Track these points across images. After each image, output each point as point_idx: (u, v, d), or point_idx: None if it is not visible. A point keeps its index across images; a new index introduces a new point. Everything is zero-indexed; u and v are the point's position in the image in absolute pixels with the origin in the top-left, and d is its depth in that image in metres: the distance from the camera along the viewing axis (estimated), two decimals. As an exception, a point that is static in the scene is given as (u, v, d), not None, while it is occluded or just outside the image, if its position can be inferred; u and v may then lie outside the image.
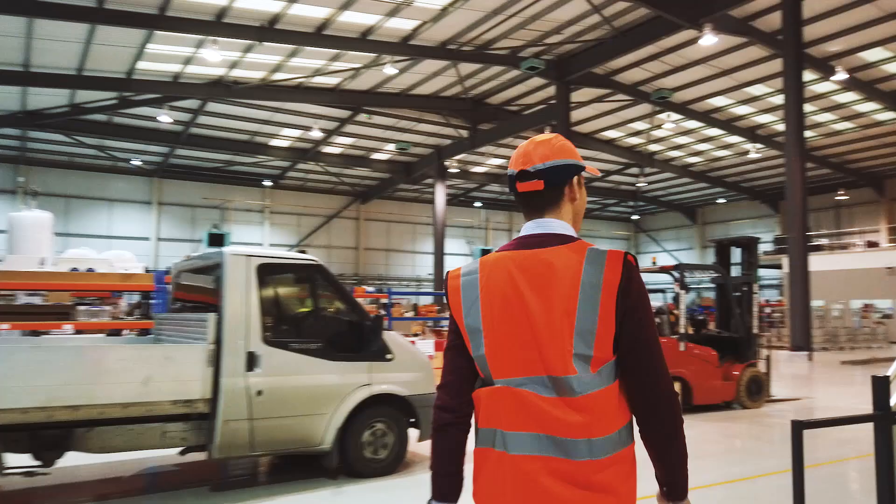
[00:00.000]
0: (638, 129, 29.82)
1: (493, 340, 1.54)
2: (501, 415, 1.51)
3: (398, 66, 22.07)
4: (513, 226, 44.98)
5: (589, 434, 1.44)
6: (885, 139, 29.14)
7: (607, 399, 1.47)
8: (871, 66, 21.87)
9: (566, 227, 1.59)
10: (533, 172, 1.58)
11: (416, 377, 5.58)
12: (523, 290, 1.52)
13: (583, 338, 1.45)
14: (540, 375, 1.48)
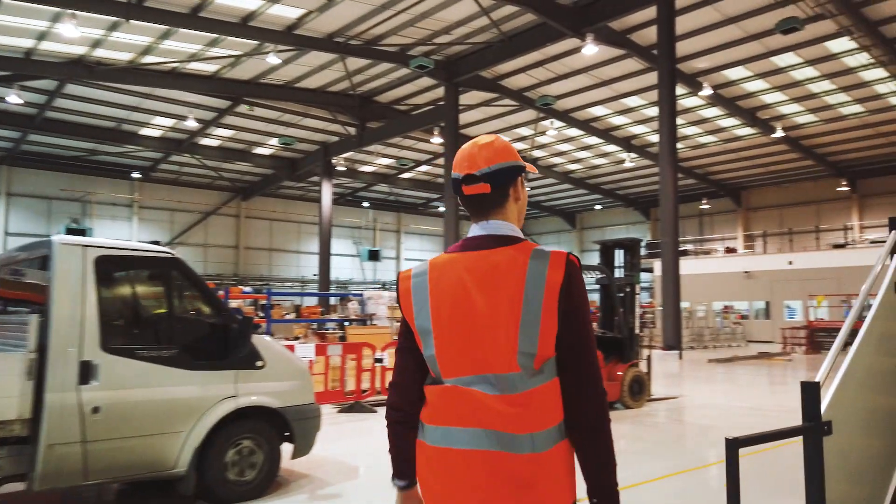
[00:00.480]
0: (523, 134, 30.48)
1: (443, 341, 1.58)
2: (450, 412, 1.56)
3: (282, 56, 21.04)
4: (401, 227, 44.70)
5: (532, 429, 1.50)
6: (743, 153, 31.71)
7: (549, 394, 1.53)
8: (732, 84, 23.60)
9: (512, 229, 1.64)
10: (479, 176, 1.61)
11: (291, 386, 4.98)
12: (471, 290, 1.56)
13: (527, 336, 1.50)
14: (486, 374, 1.53)
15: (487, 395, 1.53)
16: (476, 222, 1.66)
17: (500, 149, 1.65)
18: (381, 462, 6.42)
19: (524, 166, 1.68)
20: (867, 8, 17.65)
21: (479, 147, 1.65)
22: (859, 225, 33.00)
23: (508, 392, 1.52)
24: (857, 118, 26.13)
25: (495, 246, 1.59)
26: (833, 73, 22.15)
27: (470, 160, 1.64)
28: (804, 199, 35.65)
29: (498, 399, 1.52)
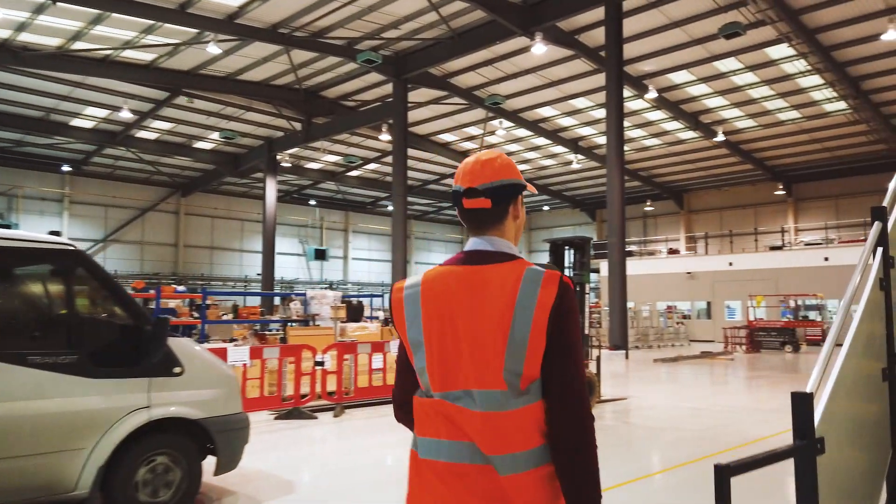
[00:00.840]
0: (472, 133, 30.35)
1: (433, 354, 1.58)
2: (438, 425, 1.56)
3: (223, 46, 20.23)
4: (349, 226, 43.95)
5: (514, 448, 1.49)
6: (686, 156, 32.41)
7: (533, 415, 1.51)
8: (677, 88, 24.00)
9: (508, 246, 1.64)
10: (481, 190, 1.61)
11: (214, 395, 4.50)
12: (461, 305, 1.56)
13: (514, 355, 1.50)
14: (471, 389, 1.53)
15: (472, 412, 1.52)
16: (473, 236, 1.66)
17: (503, 165, 1.65)
18: (320, 474, 6.02)
19: (525, 185, 1.68)
20: (805, 16, 18.16)
21: (483, 162, 1.65)
22: (795, 227, 34.20)
23: (493, 410, 1.51)
24: (794, 124, 27.01)
25: (490, 262, 1.59)
26: (772, 79, 22.77)
27: (472, 174, 1.63)
28: (743, 203, 36.73)
29: (482, 416, 1.51)
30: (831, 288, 25.47)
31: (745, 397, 11.54)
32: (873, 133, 26.95)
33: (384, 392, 9.07)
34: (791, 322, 23.83)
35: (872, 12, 17.72)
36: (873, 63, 20.88)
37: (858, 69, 21.42)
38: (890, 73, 21.51)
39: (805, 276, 26.52)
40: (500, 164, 1.64)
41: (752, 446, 7.20)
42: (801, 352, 22.17)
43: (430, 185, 38.73)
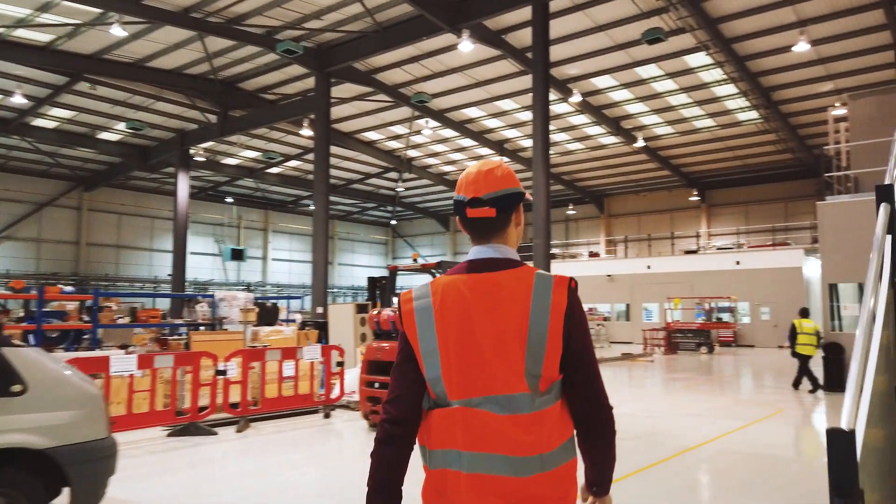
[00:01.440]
0: (398, 132, 29.77)
1: (449, 362, 1.60)
2: (458, 435, 1.56)
3: (129, 29, 18.77)
4: (268, 225, 42.35)
5: (541, 449, 1.54)
6: (607, 161, 33.03)
7: (555, 415, 1.58)
8: (600, 93, 24.29)
9: (512, 252, 1.69)
10: (485, 200, 1.64)
11: (68, 418, 3.70)
12: (476, 313, 1.59)
13: (533, 358, 1.56)
14: (494, 395, 1.56)
15: (496, 417, 1.55)
16: (477, 245, 1.69)
17: (506, 175, 1.70)
18: (216, 501, 5.28)
19: (525, 193, 1.71)
20: (723, 25, 18.67)
21: (486, 172, 1.68)
22: (708, 232, 35.53)
23: (517, 413, 1.54)
24: (709, 132, 27.96)
25: (498, 269, 1.63)
26: (689, 87, 23.40)
27: (476, 184, 1.67)
28: (660, 208, 37.87)
29: (507, 420, 1.54)
30: (742, 291, 26.53)
31: (672, 400, 11.53)
32: (781, 143, 28.26)
33: (296, 402, 8.36)
34: (706, 324, 24.55)
35: (785, 24, 18.42)
36: (784, 74, 21.79)
37: (770, 80, 22.31)
38: (798, 85, 22.52)
39: (718, 279, 27.48)
40: (501, 173, 1.69)
41: (690, 453, 6.98)
42: (716, 353, 22.86)
43: (354, 184, 37.83)
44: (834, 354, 11.78)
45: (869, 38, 18.87)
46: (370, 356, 8.11)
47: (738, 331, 26.57)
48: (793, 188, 33.21)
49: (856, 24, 18.15)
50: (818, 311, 27.80)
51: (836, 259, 11.75)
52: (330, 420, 8.82)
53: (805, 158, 29.97)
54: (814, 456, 7.32)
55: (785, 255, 26.33)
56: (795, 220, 33.11)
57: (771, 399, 11.49)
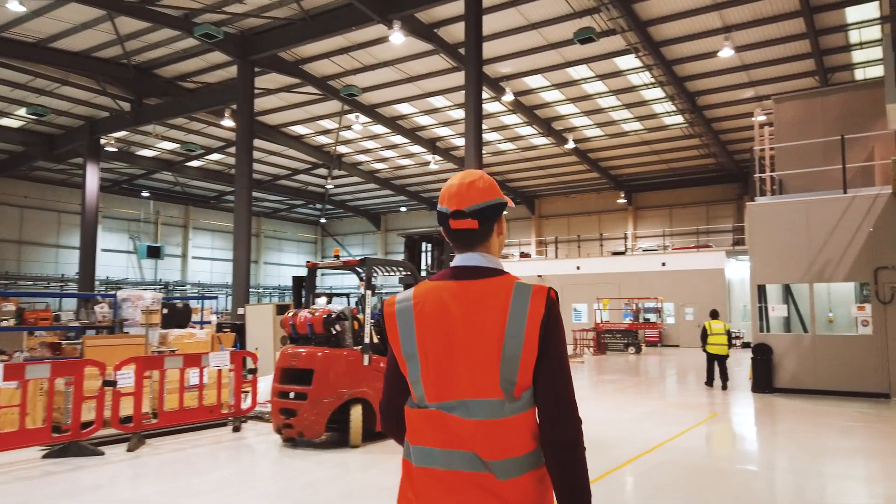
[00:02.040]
0: (327, 127, 28.82)
1: (427, 366, 1.66)
2: (434, 435, 1.63)
3: (29, 5, 17.16)
4: (189, 222, 40.31)
5: (507, 454, 1.58)
6: (538, 162, 33.14)
7: (525, 423, 1.62)
8: (532, 92, 24.19)
9: (494, 261, 1.74)
10: (468, 212, 1.70)
11: None
12: (456, 319, 1.65)
13: (509, 365, 1.60)
14: (468, 399, 1.61)
15: (470, 421, 1.60)
16: (460, 253, 1.75)
17: (488, 187, 1.75)
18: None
19: (506, 202, 1.78)
20: (652, 28, 18.83)
21: (468, 184, 1.73)
22: (634, 234, 36.27)
23: (489, 418, 1.59)
24: (636, 135, 28.42)
25: (479, 277, 1.68)
26: (619, 90, 23.62)
27: (459, 196, 1.72)
28: (589, 209, 38.42)
29: (478, 425, 1.59)
30: (668, 292, 27.08)
31: (607, 405, 11.30)
32: (704, 147, 29.05)
33: (200, 415, 7.54)
34: (633, 324, 24.86)
35: (711, 29, 18.75)
36: (709, 80, 22.29)
37: (695, 85, 22.78)
38: (722, 91, 23.10)
39: (645, 280, 27.96)
40: (483, 185, 1.74)
41: (631, 466, 6.64)
42: (643, 353, 23.15)
43: (281, 180, 36.47)
44: (763, 356, 11.88)
45: (789, 46, 19.49)
46: (284, 363, 7.40)
47: (663, 331, 27.10)
48: (714, 192, 34.31)
49: (777, 32, 18.69)
50: (739, 311, 28.82)
51: (765, 260, 11.88)
52: (240, 434, 8.03)
53: (726, 163, 30.98)
54: (758, 463, 7.15)
55: (708, 257, 27.07)
56: (717, 224, 34.23)
57: (703, 401, 11.46)
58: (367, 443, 7.59)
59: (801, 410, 10.13)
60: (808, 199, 11.74)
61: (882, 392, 11.24)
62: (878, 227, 11.06)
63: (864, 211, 11.19)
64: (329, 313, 7.44)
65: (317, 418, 7.07)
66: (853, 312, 11.62)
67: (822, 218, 11.55)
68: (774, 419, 9.35)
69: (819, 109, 12.56)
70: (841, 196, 11.59)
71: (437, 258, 9.29)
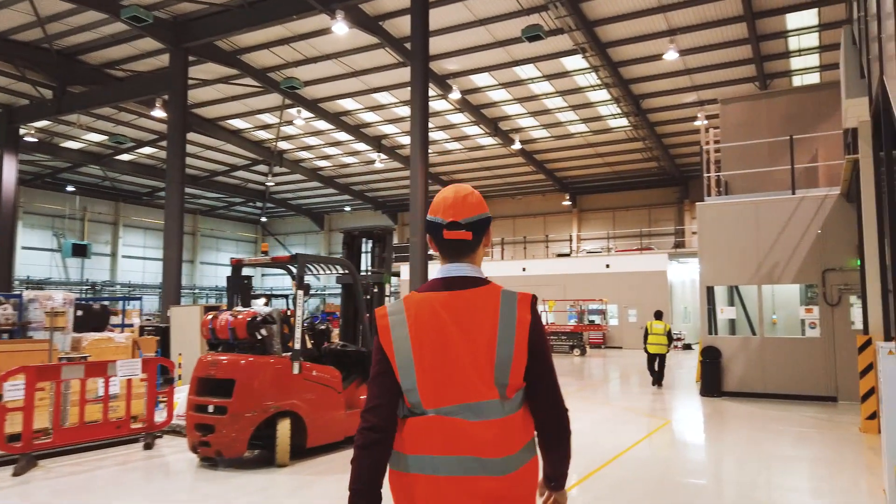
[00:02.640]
0: (268, 122, 27.75)
1: (424, 373, 1.73)
2: (433, 442, 1.70)
3: (-70, -24, 15.64)
4: (119, 219, 38.27)
5: (507, 451, 1.71)
6: (485, 163, 32.87)
7: (520, 419, 1.77)
8: (479, 91, 23.83)
9: (480, 271, 1.86)
10: (463, 224, 1.82)
11: None
12: (449, 326, 1.75)
13: (501, 368, 1.73)
14: (467, 403, 1.71)
15: (469, 423, 1.70)
16: (448, 263, 1.85)
17: (479, 201, 1.87)
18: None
19: (491, 217, 1.90)
20: (599, 28, 18.73)
21: (462, 198, 1.84)
22: (578, 236, 36.46)
23: (488, 418, 1.70)
24: (582, 137, 28.46)
25: (468, 287, 1.80)
26: (566, 91, 23.52)
27: (455, 209, 1.83)
28: (534, 211, 38.44)
29: (479, 426, 1.70)
30: (612, 293, 27.19)
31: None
32: (648, 151, 29.36)
33: (106, 431, 6.72)
34: (578, 326, 24.80)
35: (656, 32, 18.78)
36: (653, 83, 22.41)
37: (640, 88, 22.88)
38: (666, 94, 23.29)
39: (589, 282, 28.01)
40: (475, 199, 1.86)
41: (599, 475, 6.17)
42: (587, 355, 23.08)
43: (219, 176, 35.00)
44: (711, 358, 11.69)
45: (732, 51, 19.73)
46: (201, 372, 6.63)
47: (607, 333, 27.20)
48: (656, 196, 34.82)
49: (721, 36, 18.87)
50: (680, 313, 29.23)
51: (714, 261, 11.73)
52: (152, 452, 7.18)
53: (668, 167, 31.43)
54: (718, 478, 6.85)
55: (651, 260, 27.32)
56: (659, 227, 34.74)
57: (653, 407, 11.22)
58: (297, 461, 6.90)
59: (753, 416, 9.94)
60: (758, 200, 11.63)
61: (829, 395, 11.16)
62: (826, 228, 11.06)
63: (813, 212, 11.19)
64: (254, 315, 6.72)
65: (238, 435, 6.31)
66: (801, 314, 11.57)
67: (771, 218, 11.49)
68: (728, 427, 9.12)
69: (764, 112, 12.59)
70: (790, 196, 11.51)
71: (378, 256, 8.66)
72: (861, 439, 8.28)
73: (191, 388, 6.64)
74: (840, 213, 10.86)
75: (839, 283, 10.93)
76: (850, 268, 10.84)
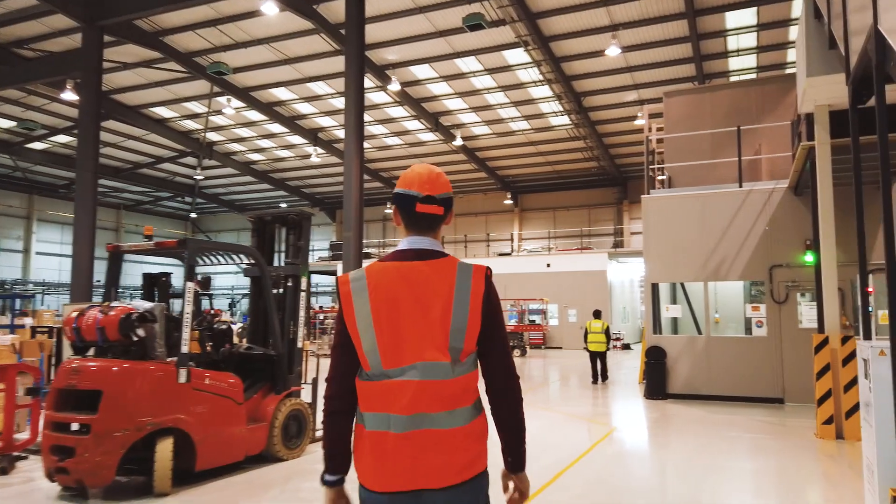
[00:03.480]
0: (195, 111, 26.21)
1: (383, 336, 1.84)
2: (389, 400, 1.82)
3: None
4: (32, 212, 35.60)
5: (455, 406, 1.85)
6: (426, 160, 32.12)
7: (470, 380, 1.89)
8: (419, 83, 23.08)
9: (439, 245, 2.00)
10: (438, 199, 1.95)
11: None
12: (407, 294, 1.86)
13: (455, 334, 1.85)
14: (421, 362, 1.82)
15: (420, 383, 1.81)
16: (410, 235, 1.98)
17: (447, 181, 2.01)
18: None
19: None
20: (542, 20, 18.28)
21: (437, 174, 1.98)
22: (520, 235, 36.22)
23: (438, 378, 1.82)
24: (523, 134, 28.12)
25: (429, 258, 1.92)
26: (507, 86, 23.06)
27: (431, 184, 1.95)
28: (476, 210, 38.00)
29: (430, 384, 1.82)
30: (552, 293, 26.92)
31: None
32: (588, 150, 29.30)
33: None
34: (518, 326, 24.38)
35: (599, 26, 18.50)
36: (595, 80, 22.20)
37: (582, 85, 22.64)
38: (607, 92, 23.14)
39: (530, 281, 27.67)
40: (446, 179, 2.01)
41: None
42: (528, 356, 22.67)
43: (143, 168, 32.99)
44: (656, 359, 11.25)
45: (672, 49, 19.68)
46: (61, 381, 5.48)
47: (547, 333, 26.91)
48: (596, 196, 34.93)
49: (662, 33, 18.76)
50: (619, 313, 29.27)
51: (660, 258, 11.32)
52: (8, 479, 6.04)
53: (608, 168, 31.50)
54: (678, 497, 6.29)
55: (591, 259, 27.20)
56: (598, 227, 34.85)
57: (597, 411, 10.69)
58: (182, 487, 5.80)
59: (702, 421, 9.43)
60: (704, 193, 11.26)
61: (776, 397, 10.77)
62: (774, 222, 10.76)
63: (760, 206, 10.93)
64: (128, 312, 5.65)
65: (103, 459, 5.21)
66: (748, 312, 11.27)
67: (717, 213, 11.12)
68: (678, 434, 8.60)
69: (708, 105, 12.35)
70: (737, 189, 11.10)
71: (293, 245, 7.71)
72: (817, 446, 7.89)
73: (48, 402, 5.52)
74: (788, 207, 10.59)
75: (787, 279, 10.69)
76: (797, 264, 10.62)
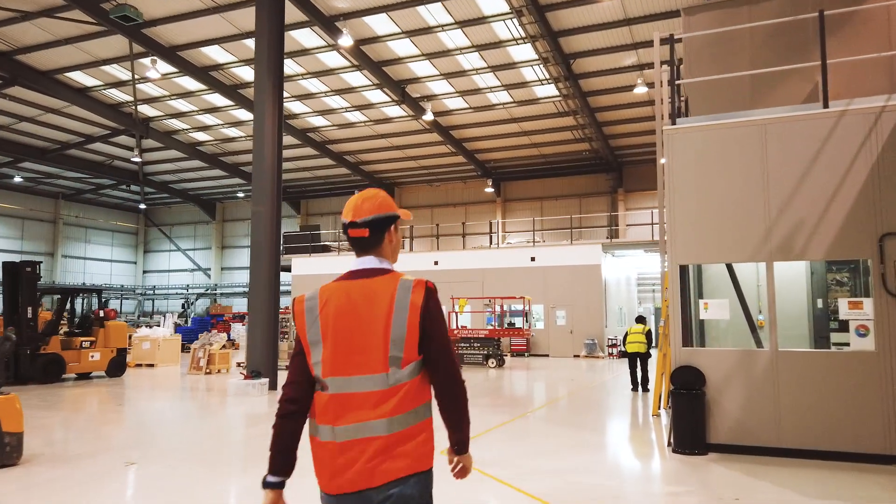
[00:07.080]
0: (120, 77, 22.33)
1: (328, 348, 1.99)
2: (332, 413, 1.95)
3: None
4: (-48, 201, 31.48)
5: (392, 414, 1.93)
6: (395, 140, 28.41)
7: (411, 387, 1.98)
8: (378, 41, 19.33)
9: (384, 263, 2.11)
10: (360, 223, 2.09)
11: None
12: (352, 310, 2.00)
13: (395, 344, 1.98)
14: (364, 374, 1.96)
15: (360, 394, 1.95)
16: (358, 257, 2.11)
17: (381, 203, 2.13)
18: None
19: (398, 215, 2.17)
20: (522, -55, 14.60)
21: (363, 200, 2.11)
22: (503, 223, 32.53)
23: (380, 388, 1.94)
24: (505, 109, 24.42)
25: (372, 276, 2.05)
26: (483, 45, 19.38)
27: (355, 210, 2.10)
28: (455, 200, 34.43)
29: (369, 395, 1.94)
30: (537, 292, 23.18)
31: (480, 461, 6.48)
32: (579, 129, 25.64)
33: None
34: (496, 331, 20.62)
35: (593, -46, 14.82)
36: (587, 36, 18.54)
37: (571, 43, 18.98)
38: (601, 53, 19.48)
39: (511, 277, 23.94)
40: (376, 202, 2.12)
41: None
42: (506, 366, 18.89)
43: (72, 149, 28.98)
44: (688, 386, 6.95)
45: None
46: None
47: (531, 338, 23.18)
48: (588, 183, 31.35)
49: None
50: (615, 315, 25.48)
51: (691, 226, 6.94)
52: None
53: (602, 150, 27.87)
54: None
55: (582, 252, 23.44)
56: (590, 219, 31.21)
57: (593, 482, 6.98)
58: None
59: None
60: (767, 119, 7.09)
61: (887, 454, 6.45)
62: (887, 165, 6.64)
63: (861, 137, 6.54)
64: None
65: None
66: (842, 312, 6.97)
67: (787, 150, 6.98)
68: None
69: (745, 21, 8.58)
70: (821, 111, 6.89)
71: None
72: None
73: None
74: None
75: (913, 256, 6.54)
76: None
